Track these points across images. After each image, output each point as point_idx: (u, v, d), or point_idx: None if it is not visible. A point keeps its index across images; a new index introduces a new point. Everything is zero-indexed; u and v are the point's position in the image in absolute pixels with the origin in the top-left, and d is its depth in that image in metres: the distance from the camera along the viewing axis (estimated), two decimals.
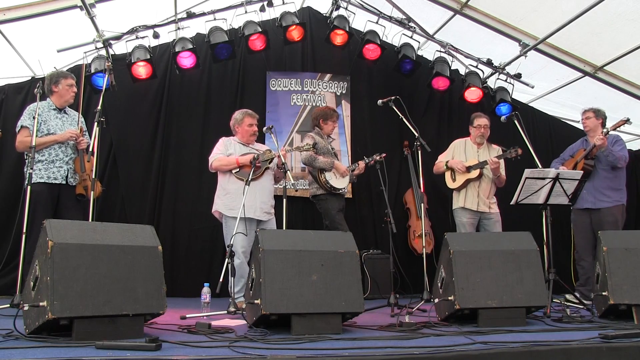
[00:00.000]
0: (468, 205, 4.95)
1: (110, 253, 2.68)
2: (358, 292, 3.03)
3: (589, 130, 5.01)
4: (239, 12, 5.61)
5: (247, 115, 4.59)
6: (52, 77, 4.40)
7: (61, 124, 4.34)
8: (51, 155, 4.21)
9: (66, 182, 4.24)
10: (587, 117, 5.01)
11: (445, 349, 2.37)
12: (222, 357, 2.20)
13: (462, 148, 5.14)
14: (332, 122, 5.06)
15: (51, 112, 4.34)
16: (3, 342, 2.43)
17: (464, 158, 5.06)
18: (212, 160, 4.43)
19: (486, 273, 3.26)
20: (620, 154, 4.77)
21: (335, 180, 4.87)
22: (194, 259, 5.66)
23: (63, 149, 4.27)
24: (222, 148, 4.48)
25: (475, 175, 4.92)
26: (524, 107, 6.60)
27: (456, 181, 5.04)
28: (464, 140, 5.20)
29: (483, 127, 5.05)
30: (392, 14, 5.96)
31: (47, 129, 4.23)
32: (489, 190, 4.99)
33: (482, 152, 5.06)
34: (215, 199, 4.49)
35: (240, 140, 4.57)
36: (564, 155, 5.21)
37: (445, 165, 5.10)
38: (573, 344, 2.51)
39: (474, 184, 4.95)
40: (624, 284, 3.30)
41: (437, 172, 5.24)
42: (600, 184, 4.82)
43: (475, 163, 4.95)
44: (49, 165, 4.19)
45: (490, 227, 4.95)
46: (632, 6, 4.90)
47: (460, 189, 5.01)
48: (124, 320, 2.63)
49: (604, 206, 4.79)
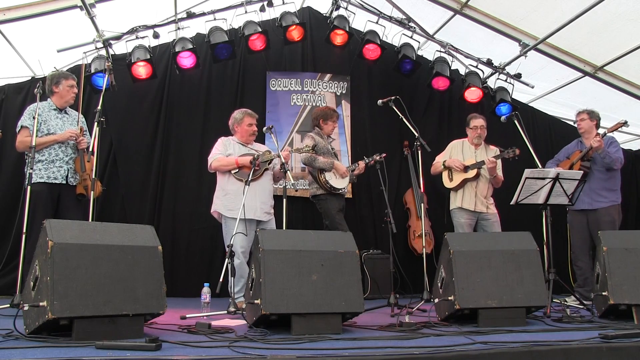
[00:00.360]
0: (466, 206, 4.93)
1: (110, 253, 2.67)
2: (358, 292, 3.02)
3: (583, 131, 5.01)
4: (239, 12, 5.61)
5: (246, 114, 4.57)
6: (53, 77, 4.41)
7: (61, 124, 4.35)
8: (51, 155, 4.22)
9: (66, 182, 4.25)
10: (581, 118, 5.01)
11: (445, 349, 2.37)
12: (222, 357, 2.20)
13: (460, 149, 5.14)
14: (332, 122, 5.05)
15: (51, 112, 4.35)
16: (3, 342, 2.43)
17: (461, 158, 5.04)
18: (212, 161, 4.41)
19: (486, 273, 3.26)
20: (617, 155, 4.78)
21: (335, 180, 4.87)
22: (194, 259, 5.66)
23: (63, 148, 4.28)
24: (222, 148, 4.46)
25: (473, 175, 4.91)
26: (524, 107, 6.60)
27: (453, 180, 5.02)
28: (462, 141, 5.19)
29: (480, 128, 5.04)
30: (392, 14, 5.96)
31: (47, 129, 4.24)
32: (487, 190, 4.98)
33: (480, 153, 5.05)
34: (214, 199, 4.48)
35: (240, 140, 4.56)
36: (559, 156, 5.20)
37: (443, 164, 5.09)
38: (573, 344, 2.50)
39: (472, 184, 4.94)
40: (624, 284, 3.30)
41: (435, 173, 5.23)
42: (596, 185, 4.83)
43: (472, 163, 4.95)
44: (49, 165, 4.20)
45: (488, 228, 4.93)
46: (632, 6, 4.90)
47: (457, 189, 5.00)
48: (124, 320, 2.63)
49: (600, 206, 4.80)
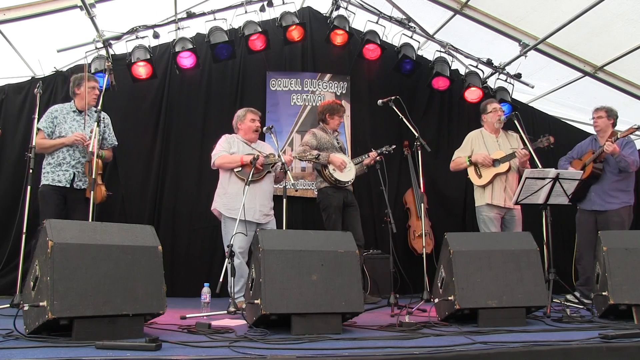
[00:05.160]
0: (495, 202, 4.65)
1: (110, 253, 2.68)
2: (358, 292, 3.02)
3: (599, 130, 4.82)
4: (239, 12, 5.61)
5: (249, 111, 4.62)
6: (75, 79, 4.44)
7: (77, 126, 4.35)
8: (59, 158, 4.24)
9: (71, 186, 4.23)
10: (599, 116, 4.80)
11: (445, 349, 2.37)
12: (222, 357, 2.20)
13: (481, 140, 4.85)
14: (339, 117, 4.97)
15: (70, 114, 4.37)
16: (3, 342, 2.44)
17: (485, 150, 4.76)
18: (215, 158, 4.40)
19: (486, 273, 3.26)
20: (632, 158, 4.60)
21: (340, 174, 4.74)
22: (194, 259, 5.66)
23: (70, 152, 4.28)
24: (226, 145, 4.45)
25: (505, 169, 4.64)
26: (524, 107, 6.59)
27: (483, 177, 4.73)
28: (479, 131, 4.93)
29: (499, 110, 4.88)
30: (392, 14, 5.96)
31: (60, 131, 4.26)
32: (516, 183, 4.62)
33: (502, 141, 4.81)
34: (215, 197, 4.49)
35: (243, 137, 4.56)
36: (572, 153, 5.03)
37: (468, 160, 4.82)
38: (573, 344, 2.50)
39: (501, 178, 4.66)
40: (624, 284, 3.30)
41: (456, 169, 4.99)
42: (608, 186, 4.69)
43: (501, 156, 4.67)
44: (56, 169, 4.22)
45: (510, 224, 4.72)
46: (632, 6, 4.89)
47: (486, 185, 4.71)
48: (124, 320, 2.63)
49: (611, 208, 4.68)
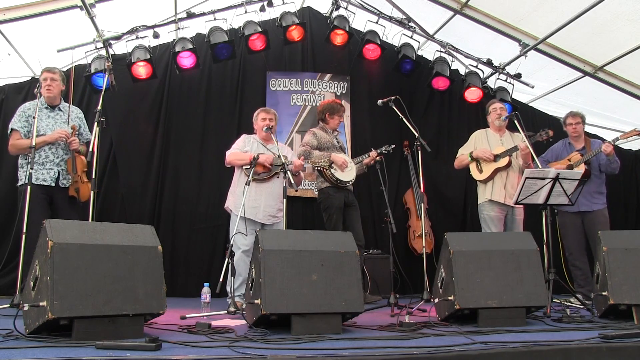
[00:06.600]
0: (495, 198, 4.71)
1: (110, 253, 2.67)
2: (358, 292, 3.02)
3: (577, 135, 4.96)
4: (239, 12, 5.61)
5: (262, 110, 4.73)
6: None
7: (52, 122, 4.25)
8: (41, 157, 4.13)
9: (56, 184, 4.17)
10: (577, 122, 4.95)
11: (445, 349, 2.37)
12: (222, 357, 2.19)
13: (485, 138, 4.94)
14: (339, 117, 4.97)
15: (43, 111, 4.22)
16: (3, 342, 2.43)
17: (488, 148, 4.84)
18: (228, 154, 4.49)
19: (486, 273, 3.25)
20: (619, 161, 4.81)
21: (341, 173, 4.73)
22: (194, 259, 5.66)
23: (53, 150, 4.19)
24: (241, 144, 4.57)
25: (505, 163, 4.71)
26: (524, 107, 6.60)
27: (483, 172, 4.80)
28: (485, 130, 5.03)
29: (499, 109, 4.95)
30: (392, 14, 5.96)
31: (37, 130, 4.04)
32: (517, 181, 4.63)
33: (506, 140, 4.86)
34: (228, 195, 4.61)
35: (259, 137, 4.63)
36: (546, 156, 5.11)
37: (470, 156, 4.89)
38: (573, 344, 2.50)
39: (502, 175, 4.73)
40: (624, 284, 3.30)
41: (460, 166, 5.06)
42: (592, 187, 4.83)
43: (502, 150, 4.74)
44: (39, 167, 4.11)
45: (510, 224, 4.75)
46: (632, 6, 4.89)
47: (487, 180, 4.77)
48: (124, 320, 2.63)
49: (597, 208, 4.83)
